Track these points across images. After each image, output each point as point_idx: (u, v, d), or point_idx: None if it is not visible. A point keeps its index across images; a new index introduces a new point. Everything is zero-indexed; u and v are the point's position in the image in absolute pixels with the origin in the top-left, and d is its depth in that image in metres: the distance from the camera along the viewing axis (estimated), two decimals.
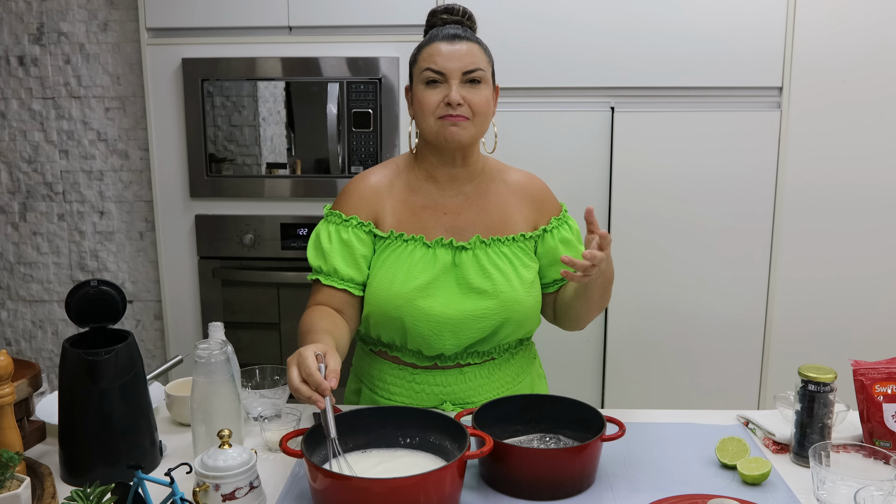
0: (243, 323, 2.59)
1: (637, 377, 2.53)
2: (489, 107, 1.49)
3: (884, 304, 2.46)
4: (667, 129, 2.41)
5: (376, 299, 1.49)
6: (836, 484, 1.17)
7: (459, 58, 1.45)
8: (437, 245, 1.50)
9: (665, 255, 2.47)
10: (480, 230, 1.52)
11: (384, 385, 1.56)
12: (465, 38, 1.48)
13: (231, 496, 1.16)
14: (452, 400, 1.54)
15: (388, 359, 1.56)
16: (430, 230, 1.52)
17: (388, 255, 1.50)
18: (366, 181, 1.55)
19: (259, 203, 2.55)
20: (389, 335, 1.52)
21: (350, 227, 1.51)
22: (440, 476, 1.12)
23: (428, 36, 1.52)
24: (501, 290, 1.49)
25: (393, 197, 1.54)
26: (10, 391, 1.22)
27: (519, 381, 1.60)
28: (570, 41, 2.38)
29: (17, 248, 2.83)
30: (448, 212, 1.53)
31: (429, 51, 1.47)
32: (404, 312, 1.47)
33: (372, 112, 2.45)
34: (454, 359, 1.53)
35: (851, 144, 2.38)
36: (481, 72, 1.46)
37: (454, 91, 1.44)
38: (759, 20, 2.33)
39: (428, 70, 1.46)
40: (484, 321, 1.49)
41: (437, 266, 1.49)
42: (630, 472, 1.32)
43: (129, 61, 2.67)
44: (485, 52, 1.50)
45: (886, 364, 1.37)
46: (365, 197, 1.53)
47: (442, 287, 1.49)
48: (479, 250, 1.51)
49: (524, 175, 1.61)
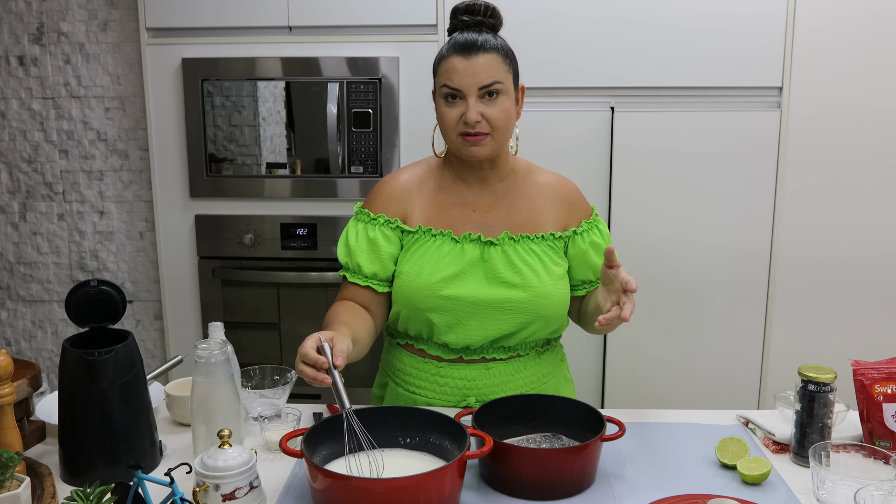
0: (243, 323, 2.59)
1: (637, 377, 2.53)
2: (509, 119, 1.48)
3: (884, 303, 2.46)
4: (667, 129, 2.41)
5: (403, 291, 1.51)
6: (836, 484, 1.17)
7: (475, 73, 1.44)
8: (465, 240, 1.52)
9: (665, 255, 2.47)
10: (509, 227, 1.54)
11: (409, 378, 1.58)
12: (481, 49, 1.44)
13: (231, 496, 1.16)
14: (477, 395, 1.54)
15: (413, 352, 1.58)
16: (458, 226, 1.54)
17: (415, 249, 1.53)
18: (396, 180, 1.58)
19: (259, 203, 2.55)
20: (416, 327, 1.54)
21: (377, 226, 1.54)
22: (440, 476, 1.12)
23: (446, 45, 1.49)
24: (531, 284, 1.50)
25: (423, 195, 1.56)
26: (10, 391, 1.22)
27: (545, 383, 1.60)
28: (569, 41, 2.38)
29: (17, 248, 2.83)
30: (477, 209, 1.55)
31: (446, 65, 1.46)
32: (430, 303, 1.49)
33: (372, 112, 2.45)
34: (479, 352, 1.53)
35: (851, 145, 2.38)
36: (499, 84, 1.45)
37: (472, 110, 1.44)
38: (759, 20, 2.33)
39: (445, 87, 1.46)
40: (511, 313, 1.50)
41: (464, 259, 1.51)
42: (630, 472, 1.32)
43: (129, 61, 2.67)
44: (504, 60, 1.47)
45: (886, 364, 1.37)
46: (394, 195, 1.56)
47: (470, 278, 1.50)
48: (507, 246, 1.52)
49: (555, 177, 1.63)
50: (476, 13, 1.50)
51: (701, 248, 2.46)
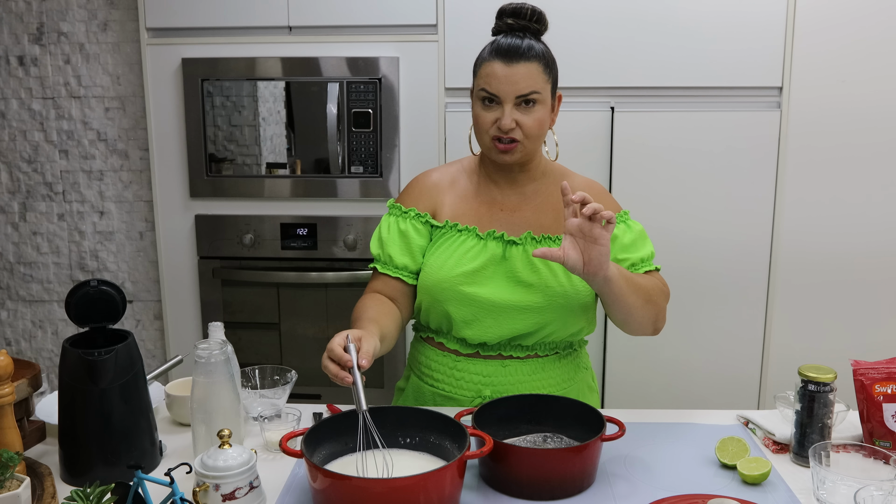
0: (243, 323, 2.59)
1: (637, 377, 2.53)
2: (542, 127, 1.49)
3: (884, 302, 2.46)
4: (667, 129, 2.41)
5: (425, 282, 1.54)
6: (836, 484, 1.17)
7: (514, 82, 1.44)
8: (489, 237, 1.54)
9: (665, 255, 2.46)
10: (534, 228, 1.55)
11: (429, 371, 1.60)
12: (523, 57, 1.45)
13: (231, 496, 1.16)
14: (493, 390, 1.55)
15: (433, 345, 1.60)
16: (484, 223, 1.56)
17: (441, 243, 1.55)
18: (428, 177, 1.63)
19: (259, 203, 2.55)
20: (437, 320, 1.56)
21: (408, 219, 1.57)
22: (440, 476, 1.12)
23: (489, 47, 1.49)
24: (548, 285, 1.51)
25: (453, 192, 1.60)
26: (10, 391, 1.22)
27: (565, 388, 1.59)
28: (569, 41, 2.38)
29: (17, 248, 2.83)
30: (505, 209, 1.57)
31: (486, 69, 1.47)
32: (449, 296, 1.51)
33: (372, 112, 2.45)
34: (496, 349, 1.55)
35: (851, 144, 2.38)
36: (537, 94, 1.46)
37: (507, 116, 1.45)
38: (759, 20, 2.33)
39: (483, 90, 1.48)
40: (527, 313, 1.51)
41: (486, 256, 1.52)
42: (630, 472, 1.32)
43: (129, 61, 2.67)
44: (545, 69, 1.47)
45: (886, 364, 1.37)
46: (425, 191, 1.60)
47: (490, 277, 1.52)
48: (529, 246, 1.53)
49: (585, 181, 1.63)
50: (522, 17, 1.50)
51: (701, 249, 2.46)
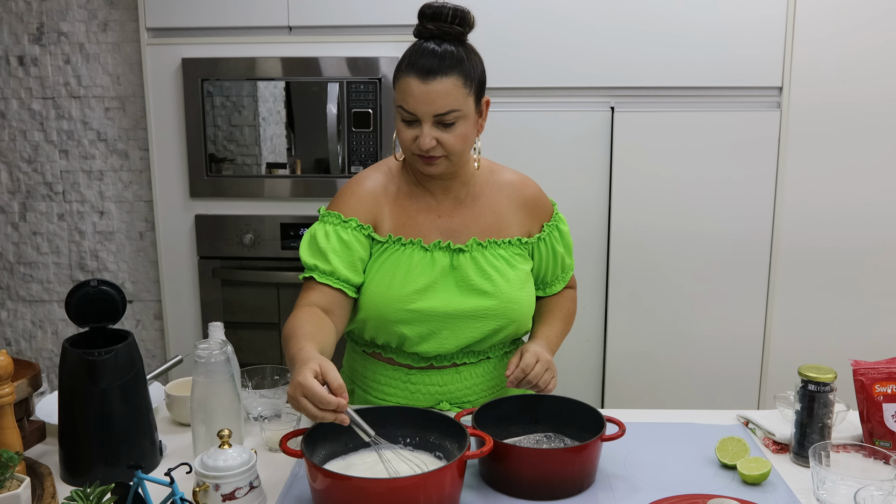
0: (243, 323, 2.59)
1: (637, 377, 2.53)
2: (466, 142, 1.42)
3: (884, 301, 2.46)
4: (667, 129, 2.40)
5: (373, 303, 1.46)
6: (836, 484, 1.17)
7: (431, 101, 1.36)
8: (434, 248, 1.49)
9: (665, 255, 2.47)
10: (476, 232, 1.51)
11: (378, 386, 1.56)
12: (439, 73, 1.36)
13: (231, 496, 1.16)
14: (449, 399, 1.54)
15: (382, 360, 1.55)
16: (426, 233, 1.50)
17: (385, 259, 1.48)
18: (362, 185, 1.51)
19: (259, 203, 2.55)
20: (385, 338, 1.51)
21: (350, 229, 1.46)
22: (440, 476, 1.12)
23: (406, 59, 1.40)
24: (502, 290, 1.49)
25: (389, 200, 1.51)
26: (10, 391, 1.22)
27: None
28: (569, 41, 2.38)
29: (17, 248, 2.83)
30: (443, 214, 1.52)
31: (402, 85, 1.38)
32: (401, 316, 1.46)
33: (372, 112, 2.45)
34: (450, 359, 1.53)
35: (851, 144, 2.38)
36: (455, 113, 1.37)
37: (425, 136, 1.38)
38: (758, 20, 2.33)
39: (400, 108, 1.40)
40: (484, 321, 1.49)
41: (435, 269, 1.48)
42: (630, 472, 1.32)
43: (129, 61, 2.67)
44: (465, 83, 1.38)
45: (886, 364, 1.37)
46: (363, 200, 1.49)
47: (441, 288, 1.48)
48: (476, 252, 1.50)
49: (517, 176, 1.58)
50: (443, 20, 1.39)
51: (701, 249, 2.46)
